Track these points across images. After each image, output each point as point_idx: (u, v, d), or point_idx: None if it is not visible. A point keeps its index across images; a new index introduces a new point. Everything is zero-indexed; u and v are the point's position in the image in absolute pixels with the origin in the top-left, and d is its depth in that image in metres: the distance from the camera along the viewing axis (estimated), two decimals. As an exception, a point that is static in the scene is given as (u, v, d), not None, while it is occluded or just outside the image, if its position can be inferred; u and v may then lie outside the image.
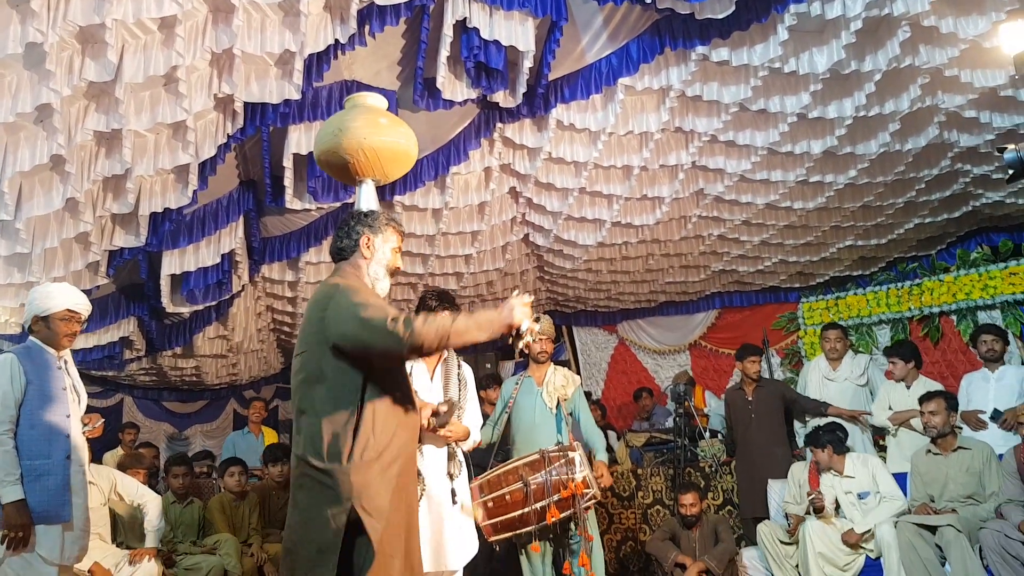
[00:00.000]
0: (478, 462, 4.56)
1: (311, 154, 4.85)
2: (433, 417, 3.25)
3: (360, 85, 4.77)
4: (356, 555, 2.34)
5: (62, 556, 3.34)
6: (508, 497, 4.07)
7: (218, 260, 5.75)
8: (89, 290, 5.62)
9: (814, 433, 5.06)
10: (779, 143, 5.50)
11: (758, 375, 5.94)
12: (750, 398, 5.88)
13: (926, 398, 4.81)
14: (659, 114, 5.30)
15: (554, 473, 4.10)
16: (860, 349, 7.08)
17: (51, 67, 3.71)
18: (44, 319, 3.50)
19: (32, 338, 3.53)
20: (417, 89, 4.69)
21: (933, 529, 4.36)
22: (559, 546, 4.41)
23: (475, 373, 3.93)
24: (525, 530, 4.07)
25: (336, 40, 4.17)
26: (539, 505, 4.04)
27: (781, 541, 4.85)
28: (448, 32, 4.29)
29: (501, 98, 4.93)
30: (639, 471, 6.46)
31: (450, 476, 3.51)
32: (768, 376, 7.42)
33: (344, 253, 2.71)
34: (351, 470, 2.34)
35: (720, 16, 4.36)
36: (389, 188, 5.51)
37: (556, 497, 4.05)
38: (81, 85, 3.95)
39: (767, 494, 5.43)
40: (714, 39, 4.57)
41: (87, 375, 8.43)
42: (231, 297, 6.74)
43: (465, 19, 4.22)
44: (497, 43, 4.36)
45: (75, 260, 5.21)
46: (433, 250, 6.77)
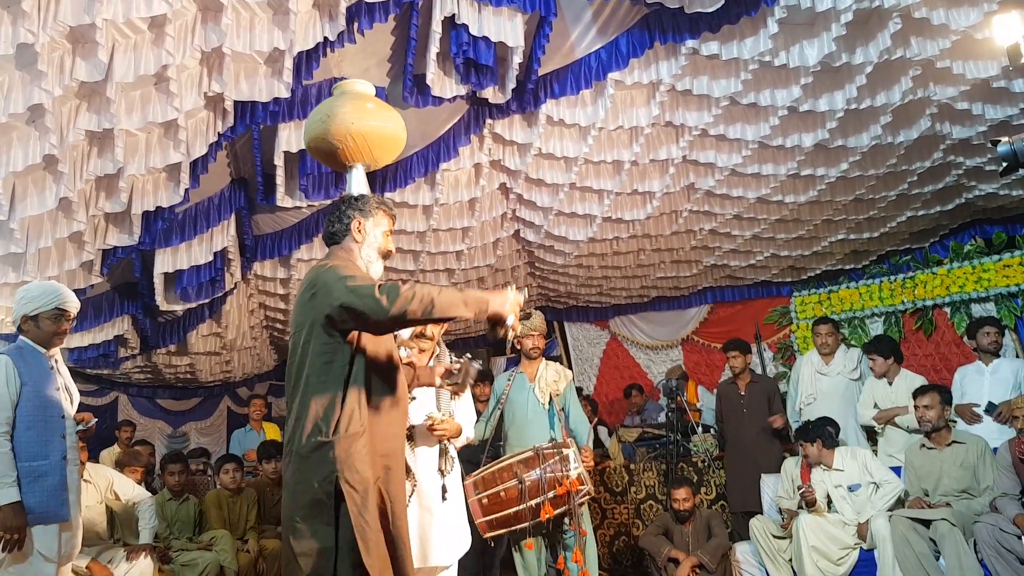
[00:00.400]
0: (470, 458, 4.57)
1: (302, 152, 4.86)
2: (447, 378, 3.11)
3: (350, 82, 4.77)
4: (340, 526, 2.38)
5: (60, 554, 3.38)
6: (503, 494, 4.09)
7: (211, 258, 5.75)
8: (83, 289, 5.64)
9: (804, 428, 5.07)
10: (770, 137, 5.49)
11: (743, 370, 5.95)
12: (743, 392, 5.89)
13: (920, 392, 4.81)
14: (649, 108, 5.29)
15: (548, 470, 4.12)
16: (853, 343, 7.08)
17: (42, 67, 3.70)
18: (33, 319, 3.50)
19: (23, 338, 3.52)
20: (406, 86, 4.67)
21: (927, 523, 4.36)
22: (553, 541, 4.43)
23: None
24: (520, 527, 4.10)
25: (325, 38, 4.16)
26: (534, 502, 4.06)
27: (774, 535, 4.86)
28: (437, 28, 4.27)
29: (491, 94, 4.92)
30: (632, 466, 6.47)
31: (441, 472, 3.53)
32: (762, 370, 7.43)
33: (336, 237, 2.75)
34: (336, 442, 2.39)
35: (709, 10, 4.35)
36: (379, 185, 5.50)
37: (551, 494, 4.07)
38: (72, 85, 3.94)
39: (759, 489, 5.45)
40: (704, 33, 4.56)
41: (82, 373, 8.45)
42: (224, 295, 6.74)
43: (454, 15, 4.20)
44: (486, 39, 4.35)
45: (69, 259, 5.21)
46: (424, 246, 6.77)
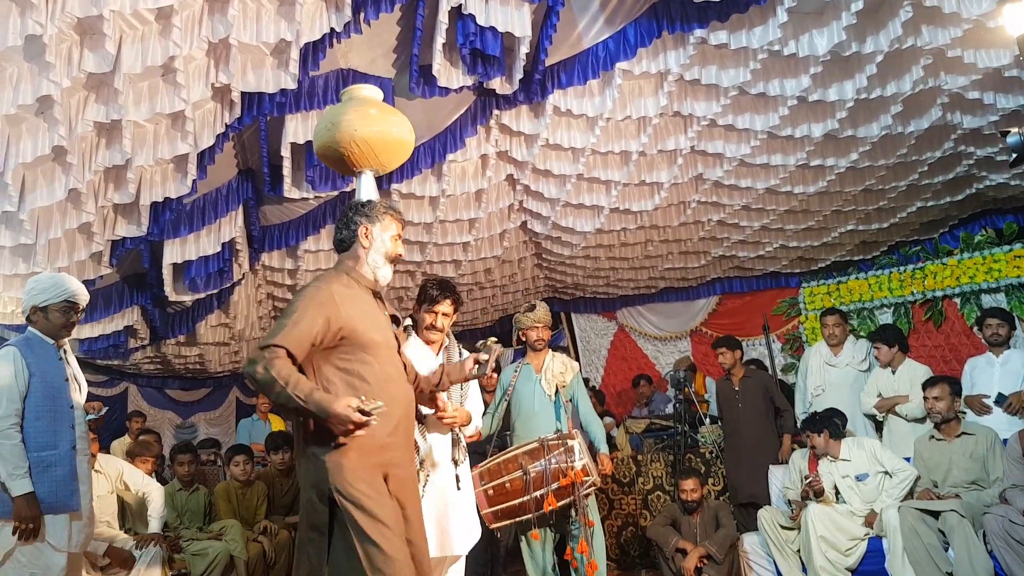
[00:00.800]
0: (476, 449, 4.58)
1: (309, 143, 4.85)
2: (476, 366, 3.06)
3: (356, 73, 4.75)
4: (334, 536, 2.43)
5: (70, 544, 3.40)
6: (508, 485, 4.10)
7: (219, 249, 5.78)
8: (93, 280, 5.67)
9: (811, 418, 5.06)
10: (779, 127, 5.46)
11: (733, 366, 5.95)
12: (737, 388, 5.92)
13: (930, 383, 4.78)
14: (657, 99, 5.25)
15: (553, 461, 4.13)
16: (862, 334, 7.05)
17: (51, 59, 3.72)
18: (42, 310, 3.51)
19: (31, 329, 3.54)
20: (413, 76, 4.66)
21: (936, 515, 4.34)
22: (560, 532, 4.44)
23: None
24: (525, 517, 4.11)
25: (332, 28, 4.15)
26: (539, 493, 4.07)
27: (782, 526, 4.85)
28: (443, 19, 4.26)
29: (497, 85, 4.90)
30: (639, 457, 6.48)
31: (454, 462, 3.53)
32: (770, 361, 7.43)
33: (344, 244, 2.77)
34: (328, 453, 2.43)
35: (717, -2, 4.32)
36: (386, 176, 5.49)
37: (555, 485, 4.08)
38: (80, 76, 3.95)
39: (767, 480, 5.44)
40: (712, 22, 4.52)
41: (92, 364, 8.51)
42: (232, 285, 6.77)
43: (460, 5, 4.18)
44: (493, 29, 4.33)
45: (78, 250, 5.25)
46: (431, 238, 6.77)
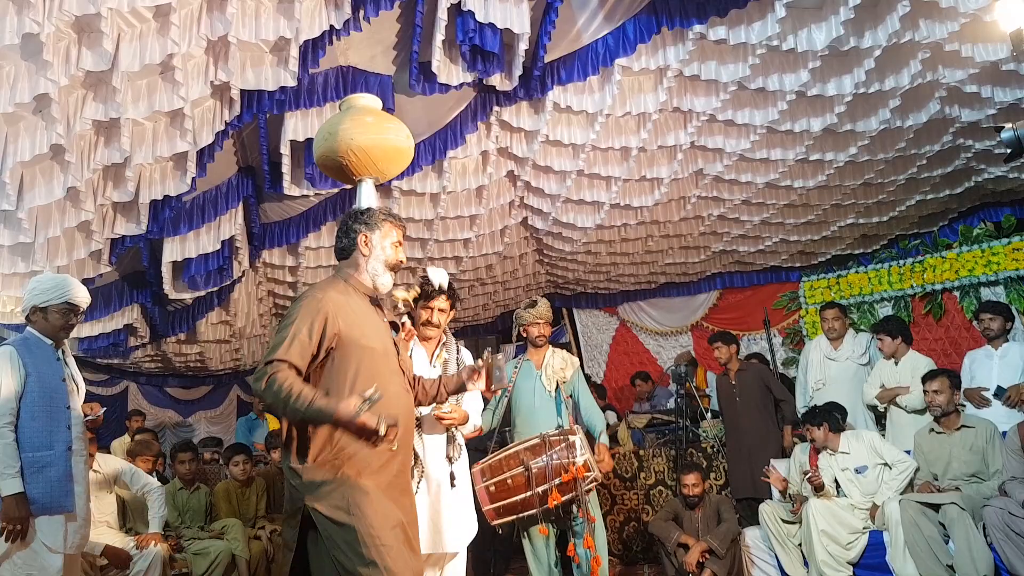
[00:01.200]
0: (476, 445, 4.58)
1: (309, 140, 4.85)
2: (476, 378, 3.00)
3: (356, 71, 4.75)
4: (310, 550, 2.46)
5: (66, 545, 3.37)
6: (510, 481, 4.11)
7: (218, 246, 5.77)
8: (92, 278, 5.66)
9: (811, 412, 5.06)
10: (778, 121, 5.46)
11: (728, 360, 5.96)
12: (734, 382, 5.93)
13: (929, 376, 4.79)
14: (657, 94, 5.26)
15: (555, 457, 4.13)
16: (862, 328, 7.06)
17: (48, 57, 3.70)
18: (42, 310, 3.50)
19: (30, 328, 3.53)
20: (413, 73, 4.65)
21: (936, 507, 4.35)
22: (562, 528, 4.45)
23: (475, 357, 3.93)
24: (527, 514, 4.12)
25: (331, 26, 4.14)
26: (541, 489, 4.07)
27: (783, 520, 4.86)
28: (443, 15, 4.25)
29: (497, 81, 4.89)
30: (641, 452, 6.49)
31: (449, 459, 3.54)
32: (771, 356, 7.44)
33: (344, 253, 2.77)
34: (305, 470, 2.44)
35: (716, -6, 4.33)
36: (387, 173, 5.49)
37: (557, 481, 4.08)
38: (78, 74, 3.94)
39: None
40: (711, 17, 4.52)
41: (92, 363, 8.50)
42: (232, 283, 6.76)
43: (460, 2, 4.17)
44: (492, 26, 4.31)
45: (77, 248, 5.23)
46: (432, 235, 6.77)
